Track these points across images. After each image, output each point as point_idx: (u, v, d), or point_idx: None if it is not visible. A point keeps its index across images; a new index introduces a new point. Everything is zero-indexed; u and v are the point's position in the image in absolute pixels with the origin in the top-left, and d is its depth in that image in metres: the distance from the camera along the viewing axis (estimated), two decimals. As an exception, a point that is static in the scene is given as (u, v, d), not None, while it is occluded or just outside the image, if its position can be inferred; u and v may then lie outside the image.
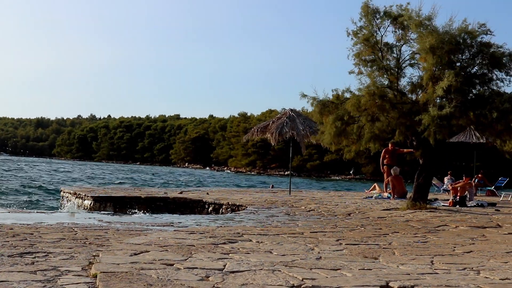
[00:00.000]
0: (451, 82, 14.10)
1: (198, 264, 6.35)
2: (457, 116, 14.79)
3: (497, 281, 5.96)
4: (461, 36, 15.04)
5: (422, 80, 15.52)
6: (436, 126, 14.27)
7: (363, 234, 10.25)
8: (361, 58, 16.13)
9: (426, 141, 15.19)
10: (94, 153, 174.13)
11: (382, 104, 15.46)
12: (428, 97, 14.95)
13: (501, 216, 14.70)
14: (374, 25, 16.06)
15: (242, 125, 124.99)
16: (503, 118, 14.53)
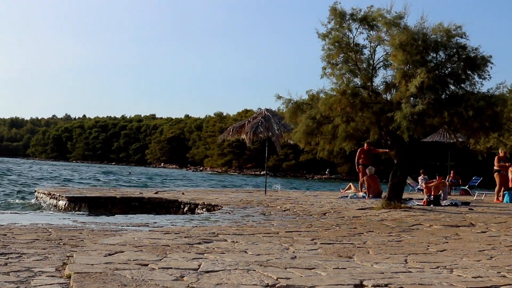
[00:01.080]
0: (423, 79, 14.21)
1: (172, 264, 6.34)
2: (431, 114, 14.90)
3: (469, 279, 6.01)
4: (436, 36, 15.16)
5: (395, 79, 15.62)
6: (408, 123, 14.36)
7: (338, 234, 10.29)
8: (332, 59, 16.19)
9: (401, 140, 15.29)
10: (69, 153, 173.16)
11: (355, 103, 15.54)
12: (402, 95, 15.06)
13: (474, 215, 14.83)
14: (345, 27, 16.12)
15: (218, 125, 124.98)
16: (478, 116, 14.67)
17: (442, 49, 15.27)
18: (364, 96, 16.04)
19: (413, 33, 14.98)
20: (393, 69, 15.90)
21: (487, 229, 11.81)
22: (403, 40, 14.72)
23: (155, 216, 14.85)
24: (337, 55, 16.19)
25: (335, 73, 16.25)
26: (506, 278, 6.12)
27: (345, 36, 16.18)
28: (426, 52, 15.12)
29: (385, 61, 16.41)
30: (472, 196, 25.24)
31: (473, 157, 28.83)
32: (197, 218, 13.83)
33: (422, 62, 14.82)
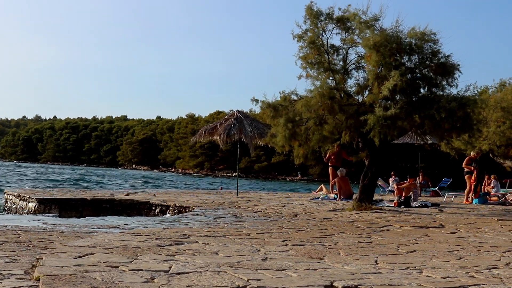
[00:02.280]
0: (396, 82, 14.31)
1: (143, 266, 6.32)
2: (403, 117, 15.01)
3: (438, 280, 6.07)
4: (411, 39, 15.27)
5: (368, 81, 15.71)
6: (381, 127, 14.46)
7: (309, 235, 10.32)
8: (307, 61, 16.24)
9: (372, 142, 15.38)
10: (39, 154, 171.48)
11: (332, 105, 15.59)
12: (374, 98, 15.14)
13: (444, 216, 14.96)
14: (319, 27, 16.18)
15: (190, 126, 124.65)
16: (450, 117, 14.80)
17: (416, 53, 15.39)
18: (338, 98, 16.10)
19: (388, 35, 15.09)
20: (366, 70, 15.99)
21: (456, 230, 11.93)
22: (377, 41, 14.81)
23: (126, 218, 14.78)
24: (313, 56, 16.24)
25: (312, 74, 16.30)
26: (475, 278, 6.19)
27: (319, 37, 16.24)
28: (399, 54, 15.23)
29: (357, 63, 16.51)
30: (442, 198, 25.47)
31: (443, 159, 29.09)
32: (168, 219, 13.78)
33: (395, 65, 14.93)
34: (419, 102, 15.24)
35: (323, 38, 16.28)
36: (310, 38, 16.14)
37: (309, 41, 16.16)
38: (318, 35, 16.21)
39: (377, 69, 15.17)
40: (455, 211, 16.96)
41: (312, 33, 16.16)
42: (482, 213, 16.33)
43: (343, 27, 16.17)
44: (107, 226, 11.49)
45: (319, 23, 16.16)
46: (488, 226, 12.82)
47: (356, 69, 16.57)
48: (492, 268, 6.97)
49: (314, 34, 16.16)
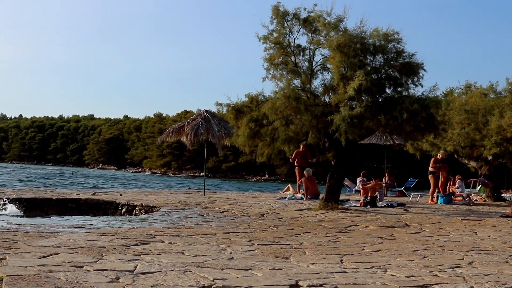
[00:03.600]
0: (361, 82, 14.41)
1: (108, 266, 6.29)
2: (368, 117, 15.12)
3: (402, 279, 6.13)
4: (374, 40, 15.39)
5: (333, 81, 15.79)
6: (347, 126, 14.55)
7: (276, 235, 10.35)
8: (272, 62, 16.29)
9: (338, 142, 15.47)
10: (4, 153, 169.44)
11: (297, 106, 15.65)
12: (340, 98, 15.24)
13: (409, 216, 15.10)
14: (286, 27, 16.24)
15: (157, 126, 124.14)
16: (412, 119, 14.95)
17: (380, 53, 15.51)
18: (304, 98, 16.17)
19: (351, 35, 15.19)
20: (331, 71, 16.08)
21: (421, 229, 12.05)
22: (341, 42, 14.90)
23: (92, 218, 14.70)
24: (278, 56, 16.29)
25: (277, 75, 16.35)
26: (438, 277, 6.26)
27: (286, 37, 16.30)
28: (364, 55, 15.33)
29: (323, 64, 16.59)
30: (407, 197, 25.71)
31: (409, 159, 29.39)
32: (134, 219, 13.73)
33: (359, 65, 15.02)
34: (384, 103, 15.36)
35: (290, 39, 16.35)
36: (276, 39, 16.19)
37: (275, 42, 16.21)
38: (285, 36, 16.26)
39: (341, 70, 15.26)
40: (420, 211, 17.14)
41: (278, 33, 16.21)
42: (446, 213, 16.53)
43: (309, 28, 16.24)
44: (73, 226, 11.41)
45: (286, 24, 16.21)
46: (452, 225, 12.97)
47: (322, 70, 16.65)
48: (455, 267, 7.05)
49: (280, 35, 16.21)
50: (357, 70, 14.83)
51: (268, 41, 16.29)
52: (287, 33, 16.28)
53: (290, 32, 16.30)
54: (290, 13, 16.17)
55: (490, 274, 6.55)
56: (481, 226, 12.95)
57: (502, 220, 14.76)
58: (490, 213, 16.97)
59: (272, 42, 16.23)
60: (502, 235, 11.25)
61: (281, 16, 16.12)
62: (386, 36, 15.40)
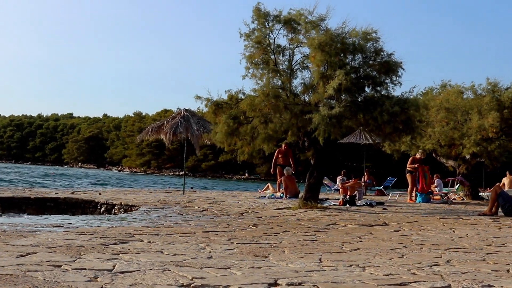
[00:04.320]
0: (341, 81, 14.45)
1: (87, 265, 6.26)
2: (348, 117, 15.18)
3: (381, 277, 6.16)
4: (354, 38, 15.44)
5: (313, 80, 15.83)
6: (326, 126, 14.59)
7: (255, 233, 10.36)
8: (252, 61, 16.30)
9: (317, 141, 15.51)
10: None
11: (276, 104, 15.69)
12: (319, 97, 15.28)
13: (388, 215, 15.19)
14: (267, 28, 16.26)
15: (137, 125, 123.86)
16: (391, 121, 15.03)
17: (360, 52, 15.57)
18: (283, 97, 16.20)
19: (332, 34, 15.23)
20: (311, 70, 16.12)
21: (399, 228, 12.12)
22: (322, 40, 14.94)
23: (70, 217, 14.60)
24: (259, 55, 16.30)
25: (257, 74, 16.37)
26: (416, 275, 6.30)
27: (266, 37, 16.32)
28: (344, 54, 15.38)
29: (303, 63, 16.63)
30: (386, 196, 25.83)
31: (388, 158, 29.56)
32: (113, 218, 13.66)
33: (340, 64, 15.07)
34: (364, 102, 15.42)
35: (270, 38, 16.38)
36: (257, 38, 16.21)
37: (255, 41, 16.23)
38: (265, 35, 16.29)
39: (322, 69, 15.30)
40: (399, 209, 17.24)
41: (259, 33, 16.23)
42: (425, 212, 16.64)
43: (290, 27, 16.27)
44: (51, 225, 11.32)
45: (267, 24, 16.24)
46: (431, 224, 13.05)
47: (302, 69, 16.69)
48: (433, 265, 7.10)
49: (261, 34, 16.23)
50: (337, 69, 14.87)
51: (249, 40, 16.30)
52: (268, 33, 16.31)
53: (271, 32, 16.33)
54: (271, 15, 16.20)
55: (467, 272, 6.61)
56: (459, 225, 13.05)
57: (480, 218, 14.89)
58: (468, 212, 17.10)
59: (253, 41, 16.25)
60: (480, 233, 11.34)
61: (262, 17, 16.14)
62: (365, 35, 15.47)
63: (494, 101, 23.17)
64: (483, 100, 23.60)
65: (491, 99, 23.22)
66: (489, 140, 23.37)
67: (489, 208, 16.17)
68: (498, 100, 23.35)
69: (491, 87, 23.90)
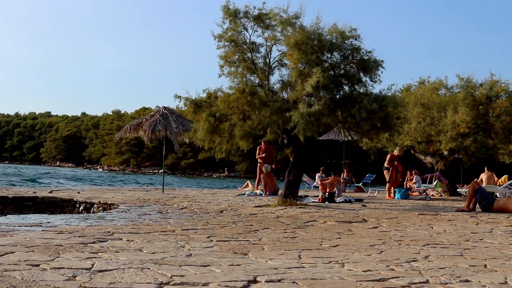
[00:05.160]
0: (319, 78, 14.49)
1: (65, 264, 6.23)
2: (326, 114, 15.23)
3: (359, 273, 6.19)
4: (331, 37, 15.47)
5: (291, 78, 15.87)
6: (305, 123, 14.62)
7: (234, 231, 10.36)
8: (228, 59, 16.31)
9: (296, 138, 15.54)
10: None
11: (253, 101, 15.70)
12: (298, 94, 15.31)
13: (367, 211, 15.25)
14: (240, 25, 16.25)
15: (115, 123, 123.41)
16: (370, 119, 15.10)
17: (337, 50, 15.61)
18: (261, 95, 16.22)
19: (309, 32, 15.26)
20: (289, 68, 16.15)
21: (378, 224, 12.18)
22: (298, 39, 14.97)
23: (49, 216, 14.49)
24: (234, 53, 16.30)
25: (232, 72, 16.37)
26: (394, 271, 6.33)
27: (241, 35, 16.32)
28: (321, 52, 15.41)
29: (281, 60, 16.66)
30: (365, 193, 25.98)
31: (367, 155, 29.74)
32: (92, 217, 13.59)
33: (317, 62, 15.11)
34: (342, 100, 15.48)
35: (245, 36, 16.38)
36: (230, 37, 16.21)
37: (229, 40, 16.22)
38: (239, 33, 16.29)
39: (299, 66, 15.33)
40: (377, 206, 17.33)
41: (232, 31, 16.23)
42: (403, 208, 16.74)
43: (263, 25, 16.27)
44: (29, 224, 11.24)
45: (238, 21, 16.23)
46: (409, 220, 13.13)
47: (280, 66, 16.72)
48: (411, 261, 7.14)
49: (235, 33, 16.23)
50: (314, 67, 14.91)
51: (223, 39, 16.30)
52: (242, 31, 16.31)
53: (245, 30, 16.33)
54: (241, 12, 16.19)
55: (445, 267, 6.65)
56: (437, 221, 13.13)
57: (458, 214, 15.00)
58: (446, 208, 17.23)
59: (227, 40, 16.25)
60: (458, 229, 11.42)
61: (233, 15, 16.13)
62: (342, 32, 15.51)
63: (469, 97, 23.38)
64: (458, 96, 23.82)
65: (465, 95, 23.42)
66: (465, 136, 23.58)
67: (467, 204, 16.29)
68: (473, 96, 23.56)
69: (464, 83, 24.08)
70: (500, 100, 23.68)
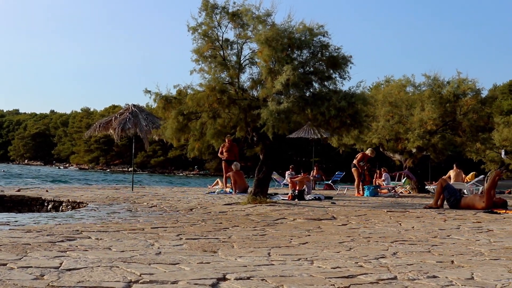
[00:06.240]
0: (289, 76, 14.53)
1: (33, 263, 6.18)
2: (296, 112, 15.27)
3: (328, 270, 6.22)
4: (301, 34, 15.52)
5: (261, 75, 15.89)
6: (274, 121, 14.65)
7: (204, 229, 10.35)
8: (201, 54, 16.27)
9: (266, 136, 15.56)
10: None
11: (222, 99, 15.70)
12: (268, 92, 15.33)
13: (336, 209, 15.33)
14: (215, 20, 16.24)
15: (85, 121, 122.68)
16: (339, 116, 15.17)
17: (306, 47, 15.66)
18: (231, 92, 16.23)
19: (279, 29, 15.30)
20: (259, 66, 16.17)
21: (347, 221, 12.24)
22: (269, 36, 15.00)
23: (16, 215, 14.36)
24: (207, 49, 16.27)
25: (205, 68, 16.35)
26: (363, 268, 6.37)
27: (214, 31, 16.30)
28: (291, 49, 15.46)
29: (251, 58, 16.67)
30: (335, 191, 26.08)
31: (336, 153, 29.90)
32: (61, 215, 13.49)
33: (287, 59, 15.15)
34: (312, 97, 15.53)
35: (218, 32, 16.36)
36: (205, 31, 16.18)
37: (203, 34, 16.19)
38: (213, 29, 16.27)
39: (269, 64, 15.37)
40: (347, 203, 17.42)
41: (206, 25, 16.20)
42: (372, 205, 16.85)
43: (237, 22, 16.28)
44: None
45: (214, 16, 16.21)
46: (378, 217, 13.22)
47: (251, 64, 16.73)
48: (380, 257, 7.19)
49: (209, 27, 16.20)
50: (284, 64, 14.94)
51: (197, 33, 16.26)
52: (216, 27, 16.29)
53: (219, 26, 16.32)
54: (219, 6, 16.18)
55: (413, 263, 6.72)
56: (405, 218, 13.24)
57: (426, 211, 15.13)
58: (414, 205, 17.37)
59: (201, 34, 16.21)
60: (425, 225, 11.53)
61: (210, 9, 16.11)
62: (311, 30, 15.57)
63: (435, 95, 23.62)
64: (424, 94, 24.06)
65: (431, 92, 23.66)
66: (432, 133, 23.82)
67: (435, 201, 16.45)
68: (440, 94, 23.81)
69: (431, 81, 24.32)
70: (467, 98, 23.94)
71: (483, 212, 14.83)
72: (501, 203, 15.64)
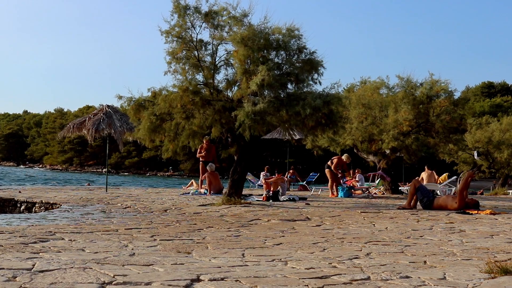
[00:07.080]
0: (264, 77, 14.55)
1: (5, 265, 6.13)
2: (271, 113, 15.29)
3: (302, 271, 6.24)
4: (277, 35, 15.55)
5: (236, 76, 15.89)
6: (250, 122, 14.66)
7: (178, 230, 10.34)
8: (174, 55, 16.23)
9: (241, 137, 15.58)
10: None
11: (195, 100, 15.68)
12: (243, 93, 15.35)
13: (310, 210, 15.38)
14: (188, 21, 16.19)
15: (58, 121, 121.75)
16: (314, 115, 15.22)
17: (283, 49, 15.69)
18: (206, 93, 16.21)
19: (256, 30, 15.32)
20: (234, 66, 16.17)
21: (321, 222, 12.28)
22: (245, 35, 15.01)
23: (-12, 216, 14.24)
24: (180, 50, 16.23)
25: (178, 69, 16.31)
26: (337, 268, 6.41)
27: (188, 32, 16.25)
28: (267, 50, 15.49)
29: (227, 60, 16.66)
30: (309, 191, 26.16)
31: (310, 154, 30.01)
32: (34, 217, 13.40)
33: (263, 60, 15.17)
34: (287, 98, 15.57)
35: (192, 33, 16.33)
36: (178, 33, 16.13)
37: (177, 36, 16.14)
38: (187, 30, 16.22)
39: (245, 64, 15.38)
40: (321, 204, 17.49)
41: (179, 27, 16.15)
42: (346, 206, 16.92)
43: (212, 23, 16.25)
44: (-32, 225, 11.04)
45: (187, 18, 16.16)
46: (352, 218, 13.29)
47: (226, 65, 16.72)
48: (353, 258, 7.23)
49: (182, 29, 16.15)
50: (260, 65, 14.97)
51: (170, 35, 16.20)
52: (189, 28, 16.25)
53: (193, 27, 16.27)
54: (191, 7, 16.13)
55: (386, 264, 6.76)
56: (379, 218, 13.32)
57: (399, 212, 15.24)
58: (388, 206, 17.48)
59: (174, 36, 16.16)
60: (399, 226, 11.61)
61: (183, 10, 16.06)
62: (288, 32, 15.61)
63: (409, 97, 23.79)
64: (398, 95, 24.22)
65: (404, 94, 23.83)
66: (406, 134, 23.99)
67: (408, 202, 16.57)
68: (414, 95, 23.98)
69: (405, 83, 24.48)
70: (440, 99, 24.11)
71: (455, 213, 14.97)
72: (473, 203, 15.81)
